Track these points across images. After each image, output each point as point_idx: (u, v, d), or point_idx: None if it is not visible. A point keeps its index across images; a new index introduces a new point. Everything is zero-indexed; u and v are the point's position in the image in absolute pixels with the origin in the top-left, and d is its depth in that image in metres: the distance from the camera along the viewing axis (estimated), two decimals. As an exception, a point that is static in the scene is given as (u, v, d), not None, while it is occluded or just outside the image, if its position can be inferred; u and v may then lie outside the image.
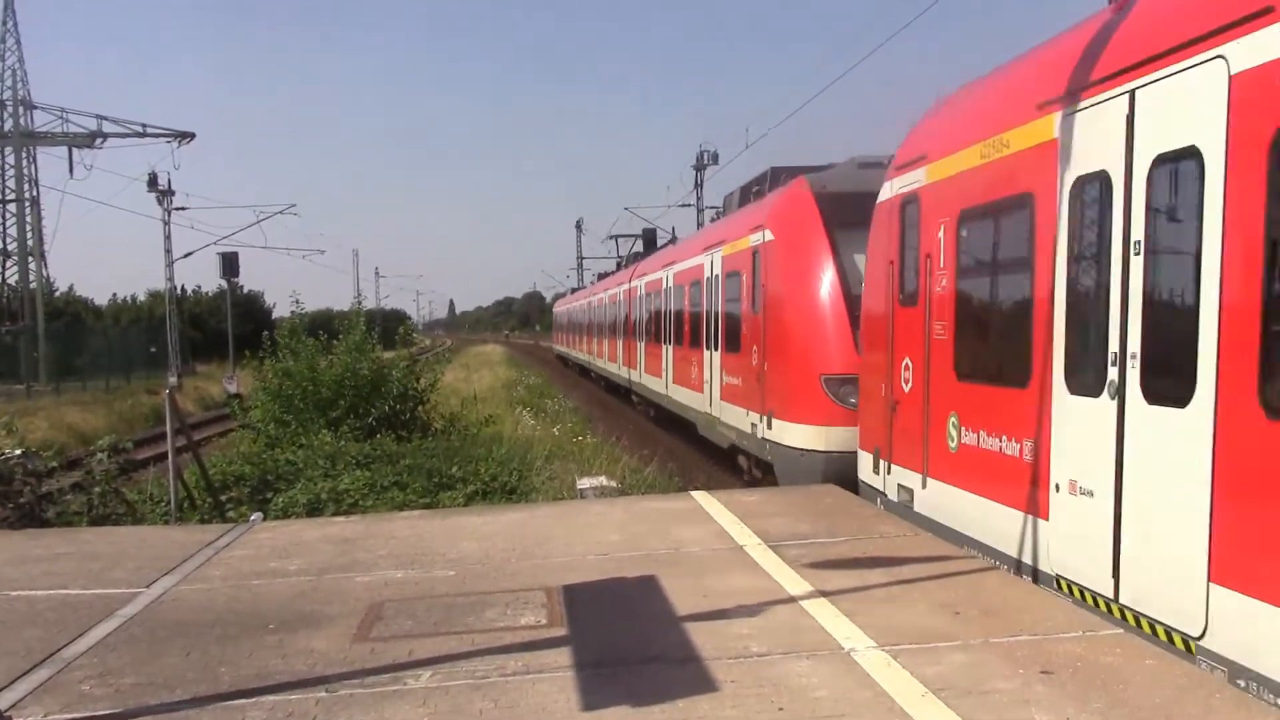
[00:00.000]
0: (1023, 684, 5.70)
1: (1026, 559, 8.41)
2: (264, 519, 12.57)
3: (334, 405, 21.24)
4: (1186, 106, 6.43)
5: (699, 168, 53.70)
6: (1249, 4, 5.83)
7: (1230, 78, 6.01)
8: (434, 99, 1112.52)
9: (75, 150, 41.86)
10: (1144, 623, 6.76)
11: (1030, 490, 8.29)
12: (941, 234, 10.12)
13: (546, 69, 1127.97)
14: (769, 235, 16.39)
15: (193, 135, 44.91)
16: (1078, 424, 7.63)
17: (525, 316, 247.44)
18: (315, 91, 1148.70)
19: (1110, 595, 7.12)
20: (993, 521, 8.97)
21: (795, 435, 14.75)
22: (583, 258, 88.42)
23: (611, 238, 66.54)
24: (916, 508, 10.62)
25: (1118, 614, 7.02)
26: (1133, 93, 7.02)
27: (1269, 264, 5.61)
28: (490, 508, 13.03)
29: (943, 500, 10.06)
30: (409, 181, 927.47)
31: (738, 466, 19.11)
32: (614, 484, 16.15)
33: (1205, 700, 5.43)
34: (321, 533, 10.72)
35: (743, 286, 17.89)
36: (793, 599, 7.45)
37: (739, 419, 17.95)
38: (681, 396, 24.25)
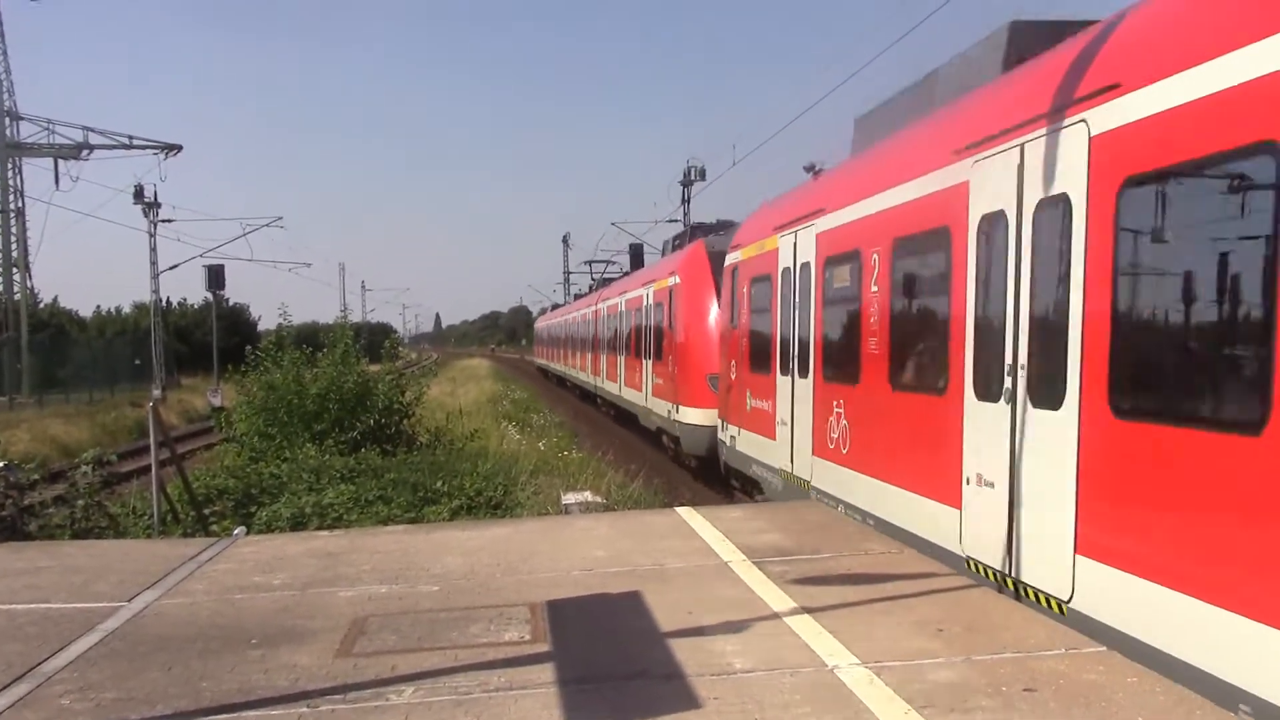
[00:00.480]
0: (1005, 702, 5.71)
1: (778, 465, 15.06)
2: (247, 533, 12.53)
3: (319, 419, 21.20)
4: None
5: (686, 183, 53.68)
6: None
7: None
8: (423, 113, 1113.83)
9: (61, 161, 41.74)
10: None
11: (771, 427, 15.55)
12: (745, 290, 17.12)
13: (536, 83, 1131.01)
14: (678, 279, 24.16)
15: (180, 147, 44.82)
16: (787, 390, 14.54)
17: (512, 331, 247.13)
18: (303, 105, 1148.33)
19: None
20: (765, 446, 15.70)
21: (692, 416, 22.17)
22: (569, 272, 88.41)
23: (586, 263, 71.10)
24: (737, 447, 17.64)
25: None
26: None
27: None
28: (475, 522, 13.02)
29: (740, 436, 17.45)
30: (396, 195, 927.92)
31: (720, 481, 20.24)
32: (599, 499, 16.16)
33: (1187, 717, 5.46)
34: (305, 547, 10.68)
35: (665, 314, 25.39)
36: (776, 615, 7.45)
37: (662, 409, 25.39)
38: (629, 395, 31.58)
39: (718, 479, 20.53)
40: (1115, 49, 7.42)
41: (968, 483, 8.91)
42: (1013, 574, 8.14)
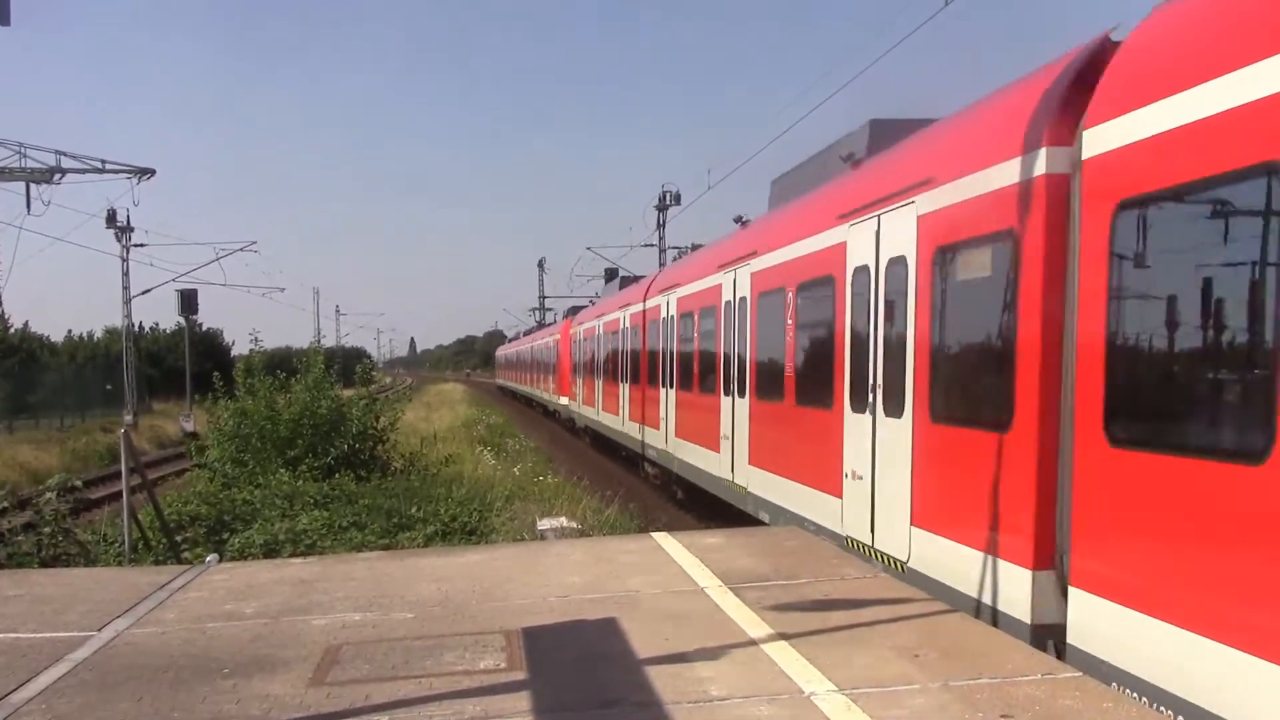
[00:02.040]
0: (982, 727, 5.70)
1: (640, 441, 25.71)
2: (220, 560, 12.39)
3: (292, 444, 21.08)
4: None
5: (661, 208, 53.90)
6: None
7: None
8: (398, 138, 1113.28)
9: (33, 186, 41.39)
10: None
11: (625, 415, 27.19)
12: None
13: (513, 108, 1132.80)
14: (559, 336, 46.90)
15: (153, 171, 44.40)
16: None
17: (487, 355, 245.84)
18: (278, 131, 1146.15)
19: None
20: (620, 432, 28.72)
21: (562, 402, 44.66)
22: (544, 296, 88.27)
23: (531, 310, 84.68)
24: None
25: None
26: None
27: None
28: (450, 549, 12.95)
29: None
30: (372, 220, 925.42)
31: (699, 508, 20.34)
32: (575, 525, 16.09)
33: (1162, 743, 5.47)
34: (278, 574, 10.59)
35: (556, 353, 47.26)
36: (753, 642, 7.43)
37: (554, 398, 47.29)
38: (541, 394, 57.31)
39: (693, 503, 20.59)
40: (933, 149, 10.20)
41: (847, 477, 11.46)
42: (873, 544, 10.66)
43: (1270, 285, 5.55)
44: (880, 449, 10.54)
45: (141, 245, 53.01)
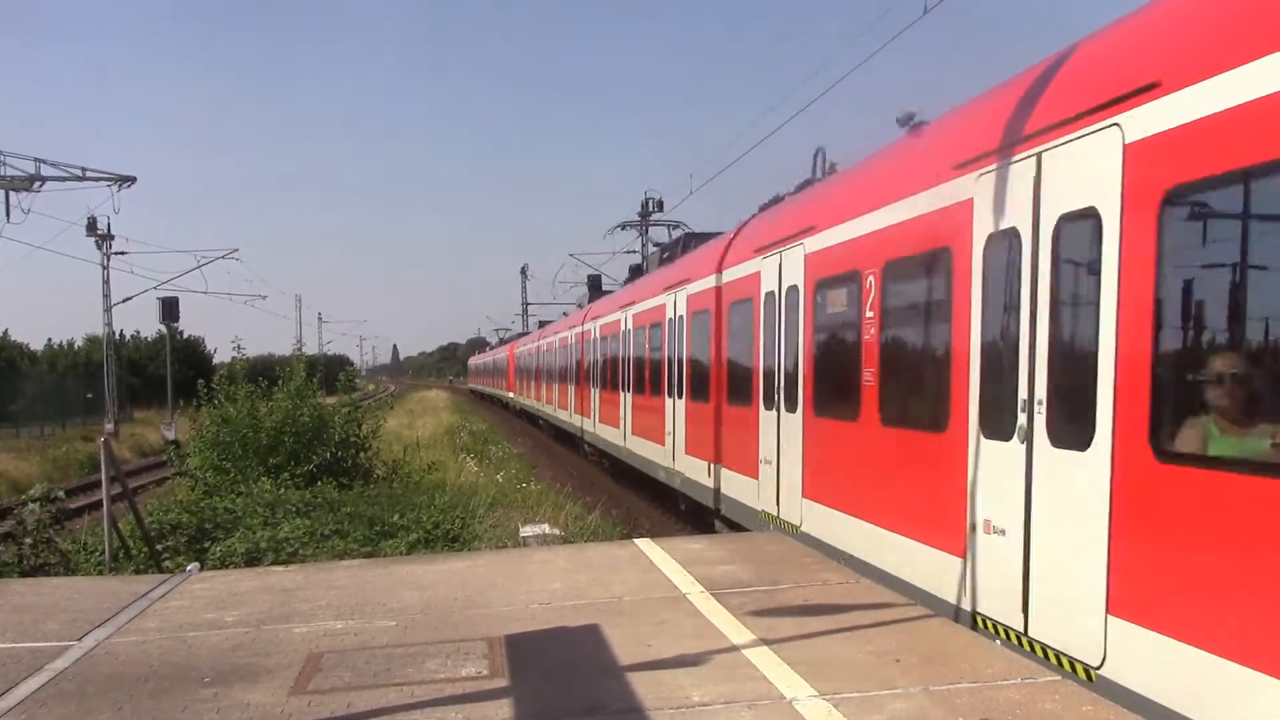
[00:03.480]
0: (962, 731, 5.73)
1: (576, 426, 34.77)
2: (201, 569, 12.35)
3: (274, 452, 20.99)
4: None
5: (644, 214, 53.91)
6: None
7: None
8: (380, 144, 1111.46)
9: (12, 194, 41.11)
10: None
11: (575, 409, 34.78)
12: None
13: (495, 114, 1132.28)
14: (507, 352, 72.10)
15: (133, 179, 44.09)
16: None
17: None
18: (259, 138, 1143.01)
19: None
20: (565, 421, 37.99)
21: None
22: (528, 304, 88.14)
23: (495, 329, 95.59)
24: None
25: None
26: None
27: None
28: (432, 556, 12.91)
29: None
30: (354, 227, 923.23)
31: (679, 511, 20.25)
32: (557, 531, 16.07)
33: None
34: (260, 582, 10.56)
35: (506, 363, 72.08)
36: (735, 647, 7.45)
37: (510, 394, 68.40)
38: (503, 393, 75.35)
39: (678, 510, 20.54)
40: (688, 264, 18.21)
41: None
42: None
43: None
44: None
45: (122, 253, 52.45)
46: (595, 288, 49.29)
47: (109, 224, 50.32)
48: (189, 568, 12.22)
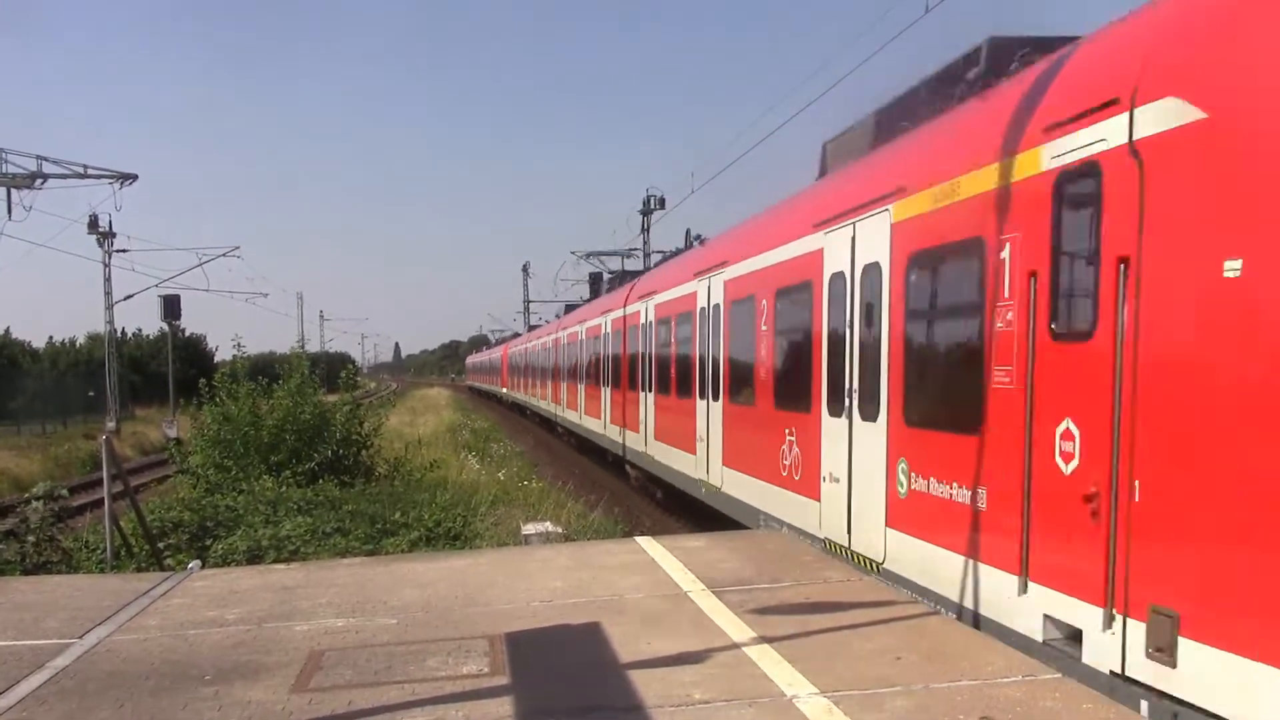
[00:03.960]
0: (963, 729, 5.73)
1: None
2: (203, 566, 12.36)
3: (275, 450, 21.00)
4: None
5: (646, 212, 53.88)
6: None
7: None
8: (382, 143, 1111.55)
9: (14, 191, 41.08)
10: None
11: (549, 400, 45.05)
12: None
13: (497, 110, 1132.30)
14: (501, 352, 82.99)
15: (135, 177, 44.02)
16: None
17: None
18: (259, 137, 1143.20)
19: None
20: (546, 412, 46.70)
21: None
22: (529, 301, 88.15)
23: (490, 331, 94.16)
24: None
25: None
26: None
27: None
28: (433, 554, 12.93)
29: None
30: (356, 225, 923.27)
31: (682, 511, 20.50)
32: (559, 529, 16.05)
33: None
34: (261, 580, 10.57)
35: (500, 362, 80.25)
36: (736, 645, 7.45)
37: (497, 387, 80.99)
38: (496, 389, 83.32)
39: (679, 508, 20.61)
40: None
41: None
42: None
43: None
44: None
45: (124, 251, 52.63)
46: (596, 285, 49.33)
47: (110, 222, 50.50)
48: (190, 565, 12.23)
